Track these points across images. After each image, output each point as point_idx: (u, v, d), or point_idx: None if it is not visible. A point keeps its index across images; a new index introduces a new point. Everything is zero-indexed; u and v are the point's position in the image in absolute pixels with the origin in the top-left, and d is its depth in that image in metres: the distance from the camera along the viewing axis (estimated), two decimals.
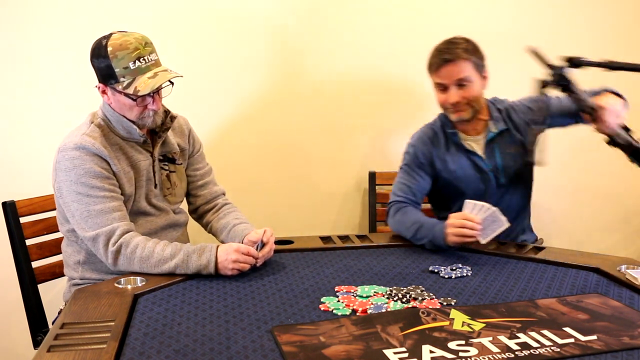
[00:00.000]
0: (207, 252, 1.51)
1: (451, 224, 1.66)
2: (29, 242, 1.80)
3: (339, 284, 1.45)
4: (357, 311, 1.28)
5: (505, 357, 1.06)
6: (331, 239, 1.84)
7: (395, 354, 1.07)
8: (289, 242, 1.80)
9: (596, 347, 1.09)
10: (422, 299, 1.33)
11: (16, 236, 1.76)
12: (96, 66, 1.59)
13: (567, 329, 1.17)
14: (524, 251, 1.71)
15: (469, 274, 1.53)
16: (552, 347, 1.10)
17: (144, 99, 1.59)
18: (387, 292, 1.38)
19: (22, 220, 1.78)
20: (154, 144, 1.71)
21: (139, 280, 1.47)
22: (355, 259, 1.67)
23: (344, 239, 1.85)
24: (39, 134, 2.17)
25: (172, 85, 1.62)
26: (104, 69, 1.57)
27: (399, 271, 1.56)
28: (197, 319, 1.25)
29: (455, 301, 1.34)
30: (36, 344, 1.75)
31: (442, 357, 1.06)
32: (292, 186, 2.48)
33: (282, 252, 1.72)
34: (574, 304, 1.30)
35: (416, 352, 1.08)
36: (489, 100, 1.94)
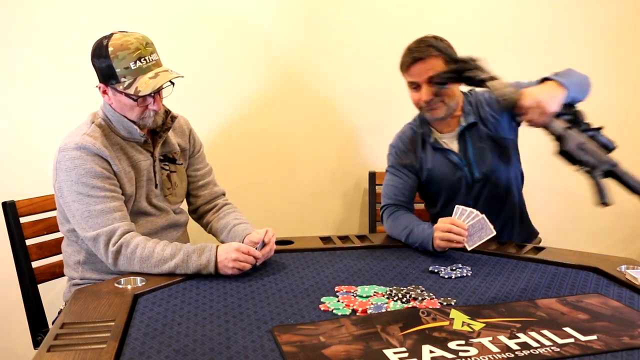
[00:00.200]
0: (207, 251, 1.51)
1: (438, 228, 1.66)
2: (29, 242, 1.80)
3: (339, 284, 1.46)
4: (357, 311, 1.28)
5: (505, 357, 1.06)
6: (331, 239, 1.84)
7: (395, 353, 1.07)
8: (289, 242, 1.81)
9: (596, 347, 1.09)
10: (422, 299, 1.33)
11: (16, 236, 1.76)
12: (97, 66, 1.59)
13: (567, 329, 1.17)
14: (524, 251, 1.71)
15: (469, 274, 1.53)
16: (552, 347, 1.10)
17: (144, 99, 1.59)
18: (387, 292, 1.38)
19: (22, 220, 1.78)
20: (154, 144, 1.71)
21: (139, 280, 1.47)
22: (355, 259, 1.67)
23: (344, 239, 1.85)
24: (39, 134, 2.17)
25: (173, 85, 1.63)
26: (104, 69, 1.57)
27: (398, 271, 1.56)
28: (197, 319, 1.25)
29: (455, 301, 1.34)
30: (36, 344, 1.75)
31: (442, 357, 1.06)
32: (292, 186, 2.48)
33: (282, 252, 1.72)
34: (574, 304, 1.30)
35: (416, 352, 1.08)
36: (464, 93, 1.91)
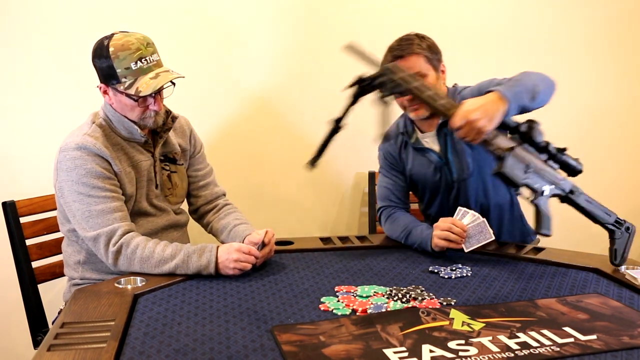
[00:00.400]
0: (207, 252, 1.51)
1: (438, 227, 1.66)
2: (29, 242, 1.80)
3: (338, 284, 1.46)
4: (357, 311, 1.28)
5: (505, 356, 1.06)
6: (331, 239, 1.84)
7: (395, 353, 1.07)
8: (289, 243, 1.81)
9: (596, 347, 1.09)
10: (422, 299, 1.33)
11: (16, 236, 1.76)
12: (98, 66, 1.59)
13: (567, 329, 1.17)
14: (524, 251, 1.71)
15: (469, 274, 1.53)
16: (552, 347, 1.10)
17: (145, 99, 1.60)
18: (387, 292, 1.38)
19: (22, 220, 1.78)
20: (155, 144, 1.71)
21: (139, 280, 1.47)
22: (355, 259, 1.67)
23: (344, 239, 1.85)
24: (39, 134, 2.17)
25: (174, 85, 1.63)
26: (105, 69, 1.57)
27: (398, 271, 1.57)
28: (197, 319, 1.25)
29: (455, 301, 1.34)
30: (36, 344, 1.75)
31: (442, 356, 1.06)
32: (292, 186, 2.48)
33: (282, 253, 1.72)
34: (574, 304, 1.30)
35: (416, 351, 1.08)
36: (448, 89, 1.85)
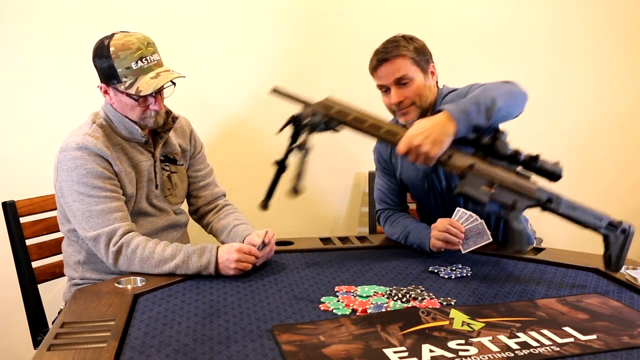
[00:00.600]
0: (207, 252, 1.51)
1: (436, 228, 1.66)
2: (29, 242, 1.80)
3: (338, 284, 1.46)
4: (357, 311, 1.28)
5: (504, 356, 1.06)
6: (331, 240, 1.84)
7: (395, 353, 1.07)
8: (289, 243, 1.81)
9: (596, 347, 1.09)
10: (422, 299, 1.33)
11: (16, 236, 1.76)
12: (98, 66, 1.59)
13: (567, 329, 1.17)
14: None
15: (469, 274, 1.53)
16: (552, 347, 1.10)
17: (145, 99, 1.60)
18: (387, 292, 1.38)
19: (22, 220, 1.78)
20: (155, 144, 1.71)
21: (139, 280, 1.47)
22: (355, 259, 1.67)
23: (344, 240, 1.85)
24: (39, 134, 2.17)
25: (174, 85, 1.63)
26: (106, 69, 1.57)
27: (398, 271, 1.57)
28: (197, 319, 1.25)
29: (455, 301, 1.34)
30: (36, 344, 1.75)
31: (442, 356, 1.06)
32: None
33: (282, 253, 1.72)
34: (574, 303, 1.30)
35: (416, 351, 1.08)
36: (440, 89, 1.78)
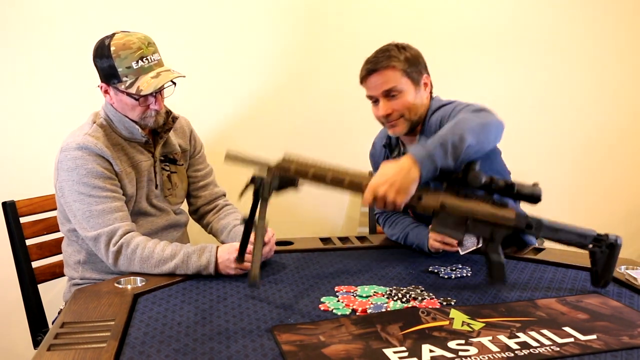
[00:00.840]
0: (207, 252, 1.51)
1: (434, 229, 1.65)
2: (29, 242, 1.80)
3: (338, 284, 1.46)
4: (357, 311, 1.28)
5: (504, 356, 1.06)
6: (331, 240, 1.84)
7: (395, 353, 1.07)
8: (289, 243, 1.81)
9: (596, 347, 1.09)
10: (422, 299, 1.33)
11: (16, 236, 1.76)
12: (99, 66, 1.59)
13: (567, 329, 1.17)
14: (524, 251, 1.71)
15: (469, 274, 1.53)
16: (552, 347, 1.10)
17: (146, 98, 1.60)
18: (387, 292, 1.38)
19: (22, 220, 1.78)
20: (155, 144, 1.71)
21: (139, 280, 1.47)
22: (355, 259, 1.67)
23: (344, 240, 1.85)
24: (39, 134, 2.17)
25: (175, 85, 1.63)
26: (106, 68, 1.57)
27: (398, 271, 1.56)
28: (197, 319, 1.25)
29: (455, 301, 1.34)
30: (36, 344, 1.75)
31: (442, 356, 1.06)
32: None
33: (282, 253, 1.72)
34: (574, 304, 1.31)
35: (416, 351, 1.08)
36: (431, 102, 1.69)
